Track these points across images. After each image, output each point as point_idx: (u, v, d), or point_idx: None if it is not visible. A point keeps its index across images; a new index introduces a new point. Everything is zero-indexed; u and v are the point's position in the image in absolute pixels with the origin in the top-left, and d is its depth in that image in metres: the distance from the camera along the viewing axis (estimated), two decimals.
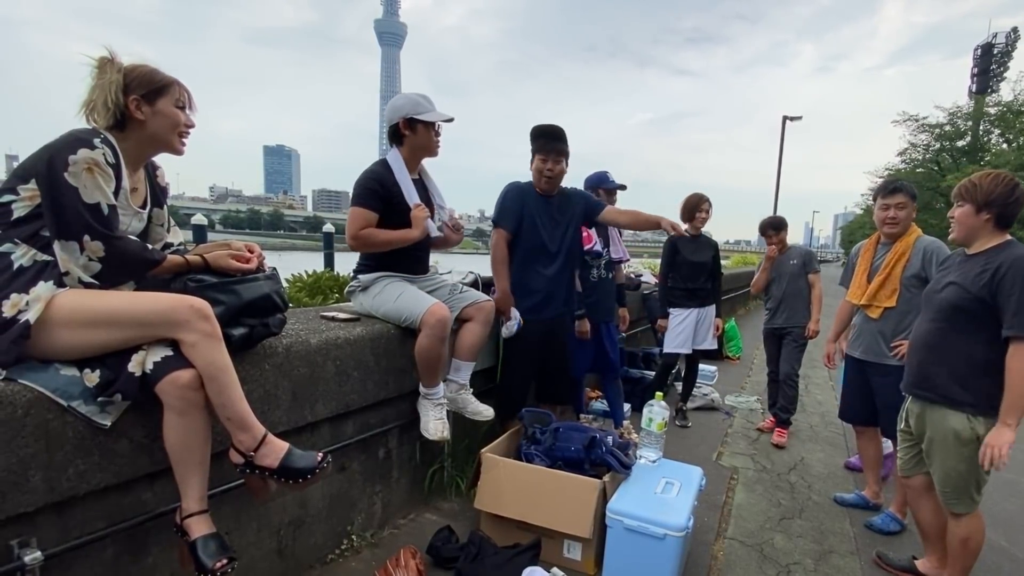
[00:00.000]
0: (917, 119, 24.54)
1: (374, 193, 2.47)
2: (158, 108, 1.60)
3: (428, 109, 2.52)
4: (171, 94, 1.63)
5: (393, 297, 2.48)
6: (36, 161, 1.44)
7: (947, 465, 2.19)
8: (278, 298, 1.83)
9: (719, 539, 2.77)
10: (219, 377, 1.50)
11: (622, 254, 3.99)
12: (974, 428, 2.10)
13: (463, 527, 2.54)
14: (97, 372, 1.44)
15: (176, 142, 1.67)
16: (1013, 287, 1.99)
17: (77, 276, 1.46)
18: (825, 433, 4.51)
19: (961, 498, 2.19)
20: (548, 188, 3.06)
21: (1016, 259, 2.01)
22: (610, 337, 3.77)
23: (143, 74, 1.60)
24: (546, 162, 3.01)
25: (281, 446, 1.60)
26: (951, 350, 2.16)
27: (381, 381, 2.42)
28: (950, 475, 2.19)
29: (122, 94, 1.56)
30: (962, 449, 2.13)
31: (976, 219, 2.12)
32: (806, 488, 3.44)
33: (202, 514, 1.56)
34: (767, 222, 4.40)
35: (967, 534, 2.22)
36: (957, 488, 2.19)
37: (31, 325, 1.37)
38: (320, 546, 2.29)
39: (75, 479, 1.43)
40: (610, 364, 3.81)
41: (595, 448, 2.51)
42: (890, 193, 2.88)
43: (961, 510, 2.21)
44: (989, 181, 2.10)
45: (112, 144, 1.51)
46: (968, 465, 2.13)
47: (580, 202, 3.20)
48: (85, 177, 1.43)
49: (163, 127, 1.62)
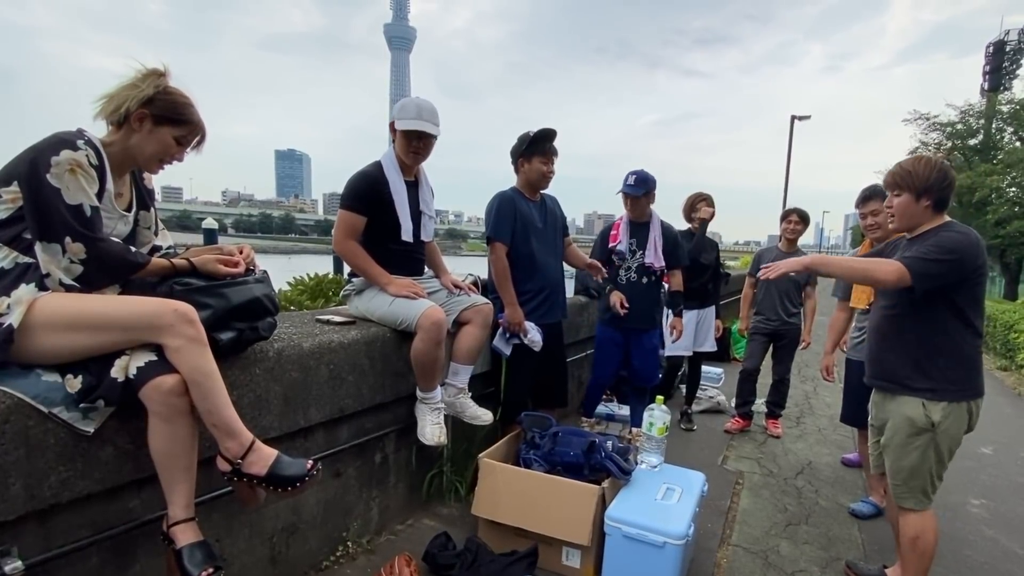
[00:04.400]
0: (928, 117, 24.27)
1: (362, 196, 2.45)
2: (157, 131, 1.59)
3: (407, 116, 2.46)
4: (180, 128, 1.62)
5: (388, 300, 2.45)
6: (19, 163, 1.43)
7: (897, 454, 2.13)
8: (268, 302, 1.80)
9: (723, 546, 2.71)
10: (204, 383, 1.48)
11: (654, 259, 3.53)
12: (929, 415, 2.05)
13: (462, 533, 2.50)
14: (80, 378, 1.41)
15: (151, 165, 1.65)
16: (926, 244, 2.00)
17: (58, 278, 1.44)
18: (834, 436, 4.43)
19: (912, 493, 2.13)
20: (544, 189, 3.11)
21: (959, 232, 2.00)
22: (640, 346, 3.61)
23: (172, 101, 1.60)
24: (547, 164, 3.01)
25: (270, 453, 1.57)
26: (904, 335, 2.12)
27: (377, 385, 2.39)
28: (902, 467, 2.13)
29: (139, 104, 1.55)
30: (914, 439, 2.08)
31: (916, 206, 2.07)
32: (813, 493, 3.37)
33: (189, 522, 1.53)
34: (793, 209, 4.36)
35: (916, 532, 2.15)
36: (907, 481, 2.13)
37: (15, 329, 1.35)
38: (314, 553, 2.25)
39: (57, 487, 1.41)
40: (638, 375, 3.69)
41: (594, 453, 2.46)
42: (863, 202, 2.95)
43: (910, 505, 2.14)
44: (923, 167, 2.05)
45: (96, 146, 1.50)
46: (920, 457, 2.09)
47: (558, 207, 3.26)
48: (68, 178, 1.42)
49: (147, 148, 1.60)
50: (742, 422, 4.43)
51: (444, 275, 2.79)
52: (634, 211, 3.56)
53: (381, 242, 2.52)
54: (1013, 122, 22.53)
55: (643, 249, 3.54)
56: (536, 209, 3.09)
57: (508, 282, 2.94)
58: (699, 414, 4.68)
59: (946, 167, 2.07)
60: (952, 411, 2.04)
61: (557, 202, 3.27)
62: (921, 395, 2.07)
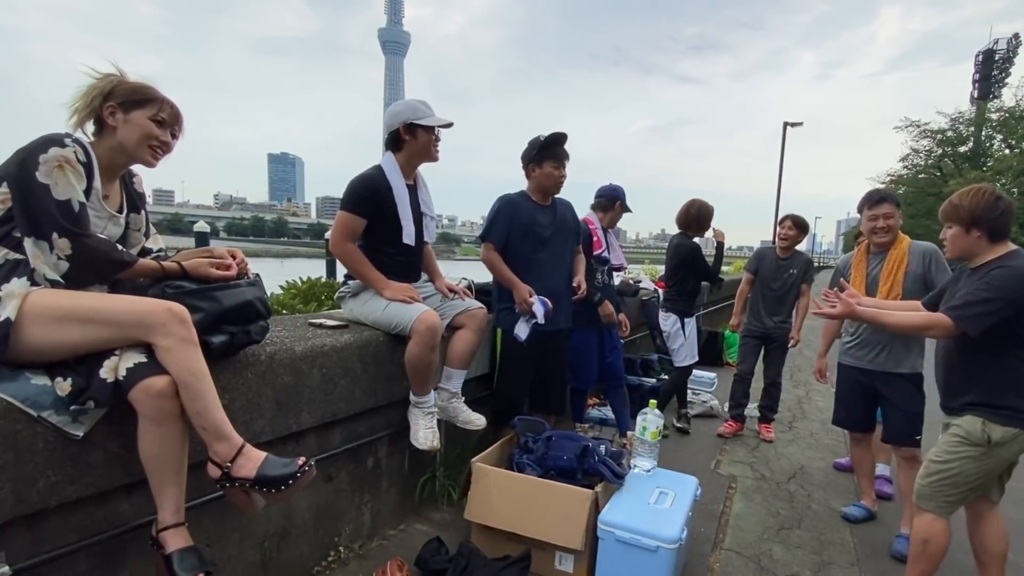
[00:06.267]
0: (919, 125, 24.56)
1: (363, 199, 2.44)
2: (130, 117, 1.60)
3: (427, 114, 2.50)
4: (149, 108, 1.62)
5: (383, 304, 2.44)
6: (8, 164, 1.45)
7: (940, 458, 2.11)
8: (260, 305, 1.80)
9: (716, 550, 2.71)
10: (194, 384, 1.47)
11: (621, 261, 3.99)
12: (987, 432, 2.02)
13: (455, 538, 2.48)
14: (69, 380, 1.40)
15: (145, 154, 1.63)
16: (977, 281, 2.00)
17: (44, 274, 1.44)
18: (826, 440, 4.45)
19: (936, 498, 2.12)
20: (556, 193, 3.10)
21: (1009, 268, 1.97)
22: (612, 343, 3.76)
23: (130, 86, 1.62)
24: (559, 168, 3.00)
25: (258, 455, 1.56)
26: (969, 364, 2.11)
27: (369, 389, 2.38)
28: (939, 470, 2.11)
29: (101, 99, 1.58)
30: (963, 447, 2.06)
31: (968, 238, 2.08)
32: (806, 497, 3.38)
33: (179, 527, 1.52)
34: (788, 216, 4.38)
35: (927, 536, 2.14)
36: (938, 483, 2.11)
37: (12, 323, 1.35)
38: (306, 558, 2.24)
39: (46, 491, 1.39)
40: (612, 372, 3.79)
41: (588, 457, 2.46)
42: (876, 203, 2.89)
43: (930, 507, 2.13)
44: (970, 199, 2.06)
45: (83, 144, 1.52)
46: (961, 464, 2.06)
47: (570, 213, 3.22)
48: (56, 174, 1.43)
49: (131, 136, 1.60)
50: (735, 425, 4.44)
51: (439, 279, 2.79)
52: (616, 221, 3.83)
53: (380, 247, 2.52)
54: (1002, 130, 22.84)
55: (610, 252, 3.78)
56: (545, 214, 3.05)
57: (502, 266, 2.96)
58: (693, 418, 4.68)
59: (996, 196, 2.05)
60: (1014, 437, 2.00)
61: (570, 208, 3.23)
62: (980, 412, 2.05)
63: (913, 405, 2.83)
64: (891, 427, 2.91)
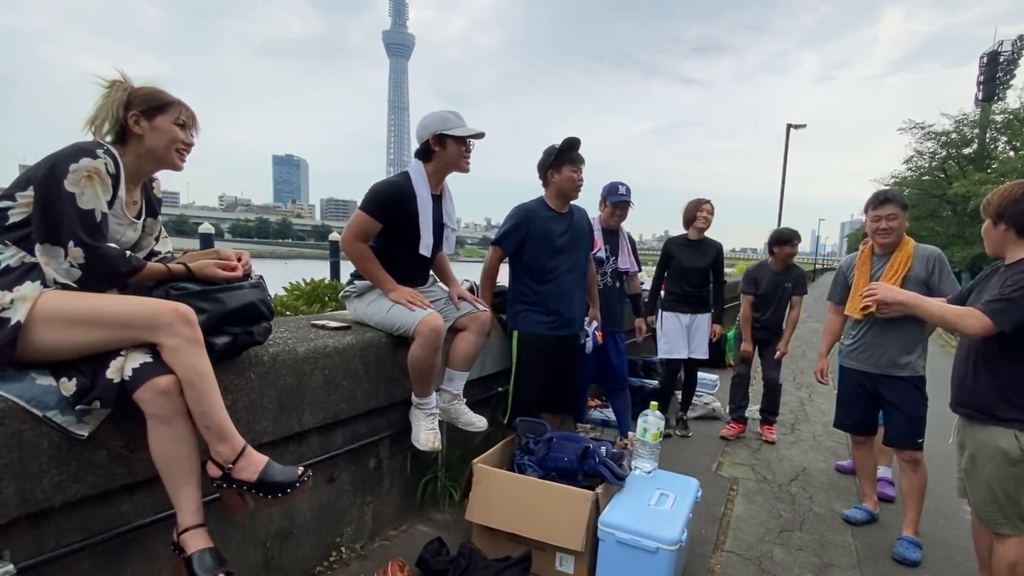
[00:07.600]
0: (923, 127, 24.48)
1: (383, 205, 2.43)
2: (156, 124, 1.64)
3: (458, 124, 2.49)
4: (171, 112, 1.67)
5: (387, 305, 2.45)
6: (38, 168, 1.48)
7: (993, 483, 2.10)
8: (263, 306, 1.81)
9: (717, 552, 2.72)
10: (199, 384, 1.48)
11: (629, 265, 3.83)
12: (1022, 446, 2.03)
13: (456, 538, 2.49)
14: (74, 380, 1.42)
15: (174, 158, 1.69)
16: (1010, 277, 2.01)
17: (52, 278, 1.46)
18: (828, 443, 4.44)
19: (1009, 520, 2.10)
20: (575, 199, 3.10)
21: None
22: (615, 347, 3.73)
23: (146, 92, 1.66)
24: (576, 172, 3.01)
25: (260, 459, 1.57)
26: (993, 364, 2.10)
27: (371, 390, 2.39)
28: (997, 495, 2.10)
29: (123, 109, 1.61)
30: (1011, 469, 2.05)
31: (995, 232, 2.11)
32: (807, 499, 3.38)
33: (198, 528, 1.52)
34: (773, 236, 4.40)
35: (1016, 559, 2.11)
36: (1003, 508, 2.10)
37: (22, 325, 1.36)
38: (308, 558, 2.25)
39: (50, 490, 1.41)
40: (615, 375, 3.77)
41: (588, 458, 2.47)
42: (881, 204, 2.85)
43: (1007, 532, 2.12)
44: (999, 193, 2.10)
45: (114, 156, 1.55)
46: (1016, 487, 2.06)
47: (586, 220, 3.24)
48: (84, 184, 1.46)
49: (160, 142, 1.65)
50: (738, 427, 4.44)
51: (454, 286, 2.77)
52: (620, 219, 3.72)
53: (395, 252, 2.51)
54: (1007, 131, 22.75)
55: (616, 255, 3.72)
56: (561, 222, 3.05)
57: (488, 280, 3.08)
58: (694, 420, 4.69)
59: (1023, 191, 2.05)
60: None
61: (585, 215, 3.24)
62: (1012, 426, 2.05)
63: (915, 408, 2.83)
64: (893, 430, 2.90)
